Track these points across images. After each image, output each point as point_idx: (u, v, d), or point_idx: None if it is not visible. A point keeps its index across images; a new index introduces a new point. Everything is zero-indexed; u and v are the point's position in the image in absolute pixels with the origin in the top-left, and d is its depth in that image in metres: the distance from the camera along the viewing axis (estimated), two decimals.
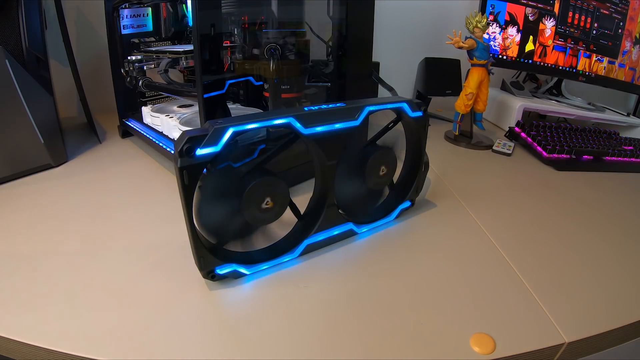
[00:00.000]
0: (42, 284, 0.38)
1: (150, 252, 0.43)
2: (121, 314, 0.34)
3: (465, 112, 0.80)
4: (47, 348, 0.31)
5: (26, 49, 0.59)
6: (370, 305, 0.37)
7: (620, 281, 0.42)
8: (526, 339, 0.33)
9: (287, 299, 0.37)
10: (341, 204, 0.45)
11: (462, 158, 0.77)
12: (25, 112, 0.57)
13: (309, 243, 0.43)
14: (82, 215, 0.50)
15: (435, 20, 1.09)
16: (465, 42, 0.73)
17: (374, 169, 0.46)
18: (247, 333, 0.33)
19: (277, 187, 0.39)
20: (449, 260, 0.44)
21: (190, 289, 0.38)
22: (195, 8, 0.46)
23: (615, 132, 0.91)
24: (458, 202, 0.57)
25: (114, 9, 0.69)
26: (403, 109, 0.46)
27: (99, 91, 0.85)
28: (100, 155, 0.70)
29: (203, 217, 0.36)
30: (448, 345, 0.33)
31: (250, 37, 0.59)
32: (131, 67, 0.69)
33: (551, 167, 0.74)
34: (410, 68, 1.05)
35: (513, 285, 0.40)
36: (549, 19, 0.96)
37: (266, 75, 0.58)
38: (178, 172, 0.32)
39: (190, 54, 0.60)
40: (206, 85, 0.50)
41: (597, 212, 0.57)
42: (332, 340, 0.33)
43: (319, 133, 0.39)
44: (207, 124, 0.34)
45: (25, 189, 0.57)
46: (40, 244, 0.44)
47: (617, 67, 1.06)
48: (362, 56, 0.65)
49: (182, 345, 0.32)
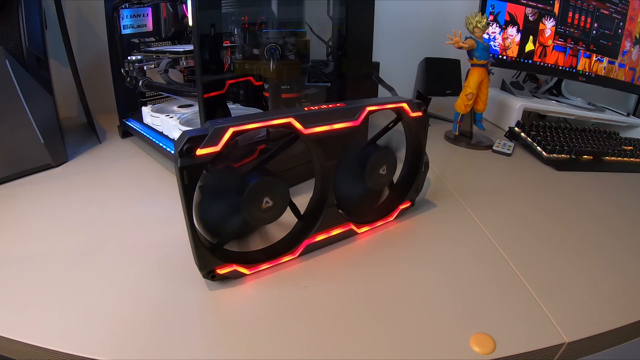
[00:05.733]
0: (42, 284, 0.38)
1: (150, 252, 0.43)
2: (121, 314, 0.34)
3: (465, 112, 0.80)
4: (47, 348, 0.31)
5: (26, 49, 0.59)
6: (370, 305, 0.37)
7: (620, 281, 0.42)
8: (526, 339, 0.33)
9: (287, 298, 0.37)
10: (341, 204, 0.45)
11: (462, 158, 0.77)
12: (25, 112, 0.57)
13: (309, 243, 0.43)
14: (82, 215, 0.50)
15: (436, 20, 1.09)
16: (465, 42, 0.73)
17: (374, 169, 0.46)
18: (247, 333, 0.33)
19: (277, 187, 0.39)
20: (449, 260, 0.44)
21: (190, 289, 0.38)
22: (195, 8, 0.46)
23: (615, 132, 0.91)
24: (458, 202, 0.58)
25: (114, 9, 0.69)
26: (403, 109, 0.46)
27: (99, 91, 0.85)
28: (100, 155, 0.70)
29: (203, 216, 0.36)
30: (448, 345, 0.33)
31: (250, 37, 0.59)
32: (131, 67, 0.69)
33: (551, 167, 0.74)
34: (410, 68, 1.05)
35: (513, 285, 0.40)
36: (549, 19, 0.96)
37: (266, 75, 0.58)
38: (178, 172, 0.33)
39: (190, 54, 0.60)
40: (206, 85, 0.50)
41: (597, 212, 0.57)
42: (332, 340, 0.33)
43: (319, 133, 0.39)
44: (207, 124, 0.34)
45: (25, 189, 0.57)
46: (40, 243, 0.44)
47: (617, 67, 1.05)
48: (362, 56, 0.65)
49: (182, 345, 0.32)
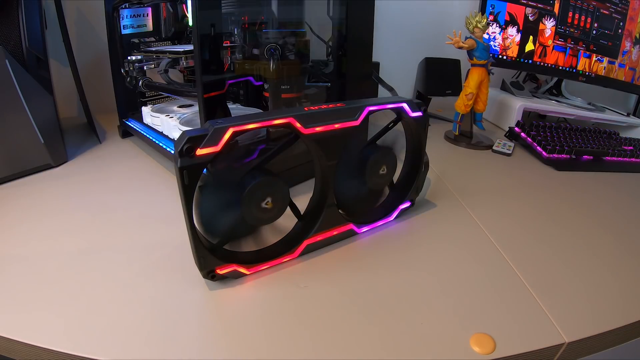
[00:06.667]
0: (42, 284, 0.38)
1: (150, 252, 0.43)
2: (121, 314, 0.34)
3: (465, 112, 0.80)
4: (47, 348, 0.31)
5: (26, 49, 0.59)
6: (370, 305, 0.37)
7: (620, 281, 0.42)
8: (526, 339, 0.33)
9: (287, 298, 0.37)
10: (341, 204, 0.45)
11: (462, 158, 0.77)
12: (25, 112, 0.57)
13: (309, 243, 0.43)
14: (82, 215, 0.50)
15: (436, 20, 1.09)
16: (465, 42, 0.73)
17: (374, 169, 0.46)
18: (247, 333, 0.33)
19: (277, 187, 0.39)
20: (448, 260, 0.44)
21: (190, 289, 0.38)
22: (195, 8, 0.46)
23: (615, 132, 0.91)
24: (458, 202, 0.57)
25: (114, 9, 0.69)
26: (403, 109, 0.46)
27: (99, 91, 0.85)
28: (100, 155, 0.70)
29: (203, 217, 0.36)
30: (448, 345, 0.33)
31: (250, 37, 0.59)
32: (131, 67, 0.69)
33: (551, 167, 0.74)
34: (410, 68, 1.05)
35: (513, 285, 0.40)
36: (549, 19, 0.96)
37: (266, 75, 0.58)
38: (178, 172, 0.32)
39: (190, 54, 0.60)
40: (206, 85, 0.50)
41: (596, 212, 0.57)
42: (332, 340, 0.33)
43: (319, 133, 0.39)
44: (207, 124, 0.34)
45: (25, 189, 0.57)
46: (40, 243, 0.44)
47: (617, 67, 1.05)
48: (362, 56, 0.65)
49: (182, 345, 0.32)
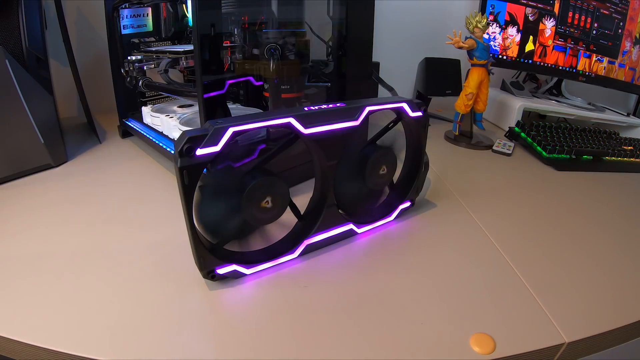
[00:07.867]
0: (42, 284, 0.38)
1: (150, 252, 0.43)
2: (121, 314, 0.34)
3: (465, 112, 0.80)
4: (47, 348, 0.31)
5: (26, 49, 0.59)
6: (370, 305, 0.37)
7: (620, 281, 0.42)
8: (526, 339, 0.33)
9: (287, 298, 0.37)
10: (341, 204, 0.45)
11: (462, 158, 0.77)
12: (25, 112, 0.57)
13: (309, 243, 0.43)
14: (82, 215, 0.50)
15: (435, 20, 1.09)
16: (465, 42, 0.73)
17: (374, 169, 0.46)
18: (247, 333, 0.33)
19: (277, 187, 0.39)
20: (448, 260, 0.44)
21: (190, 289, 0.38)
22: (195, 8, 0.46)
23: (615, 132, 0.91)
24: (458, 202, 0.57)
25: (114, 9, 0.69)
26: (403, 109, 0.46)
27: (99, 91, 0.85)
28: (100, 155, 0.70)
29: (203, 217, 0.36)
30: (448, 345, 0.33)
31: (250, 37, 0.59)
32: (131, 67, 0.69)
33: (551, 167, 0.74)
34: (410, 68, 1.05)
35: (513, 285, 0.40)
36: (549, 19, 0.96)
37: (266, 75, 0.58)
38: (178, 172, 0.32)
39: (190, 54, 0.60)
40: (206, 85, 0.50)
41: (596, 213, 0.57)
42: (332, 340, 0.33)
43: (319, 133, 0.39)
44: (207, 124, 0.34)
45: (25, 189, 0.57)
46: (40, 244, 0.44)
47: (617, 67, 1.06)
48: (362, 56, 0.65)
49: (182, 345, 0.32)
